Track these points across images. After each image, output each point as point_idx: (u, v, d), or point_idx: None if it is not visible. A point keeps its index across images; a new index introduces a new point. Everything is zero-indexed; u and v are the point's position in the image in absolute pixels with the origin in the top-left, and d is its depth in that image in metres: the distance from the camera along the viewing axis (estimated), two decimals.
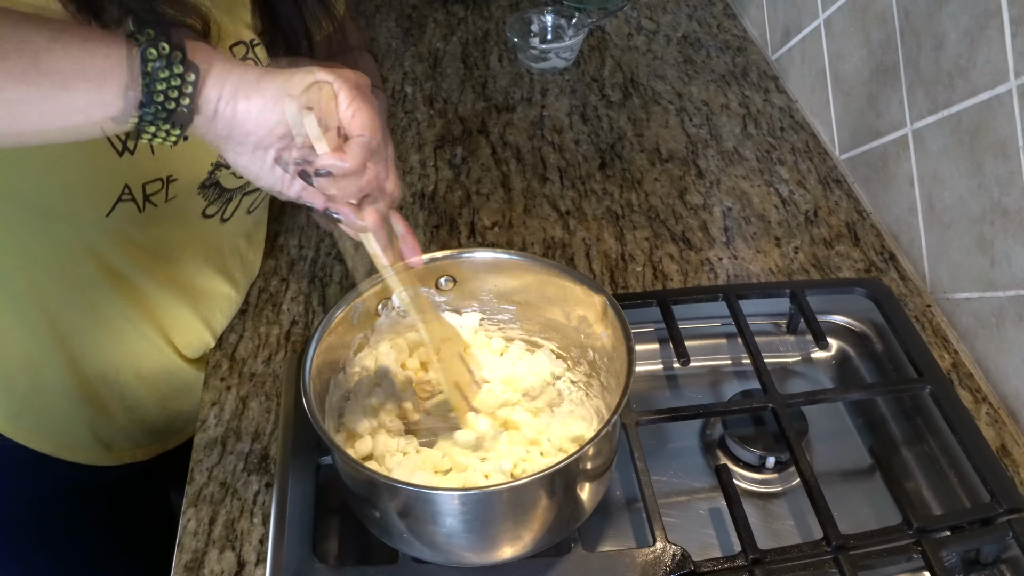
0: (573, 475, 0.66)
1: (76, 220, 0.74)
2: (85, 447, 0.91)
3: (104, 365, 0.86)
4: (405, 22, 1.46)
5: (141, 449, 0.95)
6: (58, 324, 0.81)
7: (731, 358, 0.93)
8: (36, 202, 0.73)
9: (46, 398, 0.86)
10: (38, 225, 0.75)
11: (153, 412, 0.93)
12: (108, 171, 0.71)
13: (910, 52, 0.95)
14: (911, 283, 0.97)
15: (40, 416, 0.87)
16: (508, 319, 0.80)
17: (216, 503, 0.77)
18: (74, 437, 0.90)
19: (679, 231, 1.04)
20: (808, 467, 0.75)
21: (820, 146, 1.17)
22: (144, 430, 0.94)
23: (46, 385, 0.85)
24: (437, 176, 1.13)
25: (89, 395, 0.87)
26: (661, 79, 1.31)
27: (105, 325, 0.83)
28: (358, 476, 0.65)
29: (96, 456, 0.92)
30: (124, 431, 0.92)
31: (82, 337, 0.83)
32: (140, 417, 0.92)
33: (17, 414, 0.86)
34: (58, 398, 0.86)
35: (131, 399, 0.90)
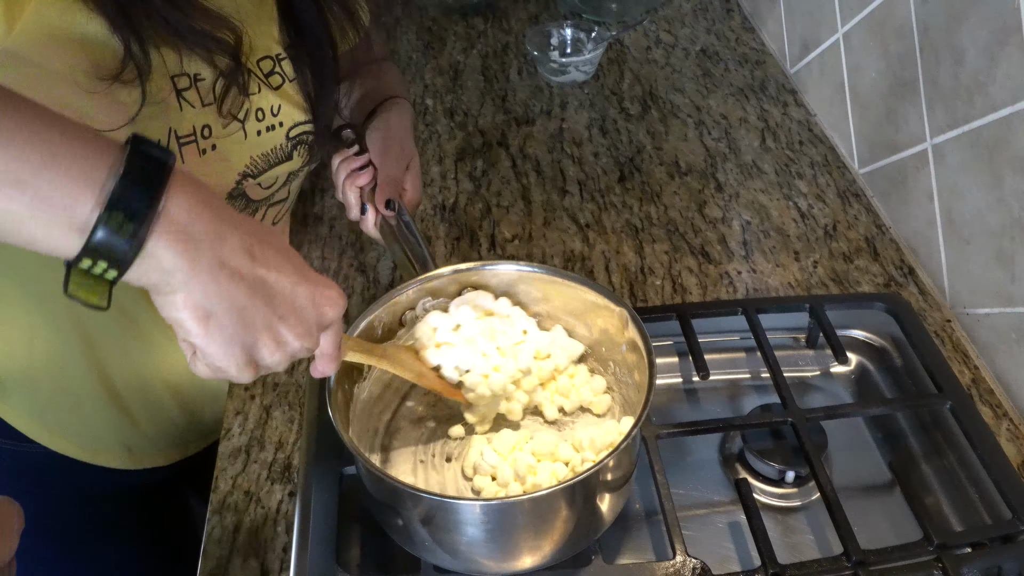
0: (593, 487, 0.66)
1: None
2: (109, 451, 0.92)
3: (131, 370, 0.87)
4: (425, 35, 1.47)
5: (163, 454, 0.97)
6: (86, 327, 0.83)
7: (750, 372, 0.93)
8: None
9: (71, 400, 0.87)
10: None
11: (177, 419, 0.94)
12: None
13: (929, 67, 0.95)
14: (930, 298, 0.97)
15: (64, 418, 0.89)
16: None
17: (240, 511, 0.78)
18: (98, 440, 0.91)
19: (698, 244, 1.05)
20: (828, 481, 0.75)
21: (839, 160, 1.17)
22: (167, 436, 0.95)
23: (71, 388, 0.86)
24: (457, 188, 1.14)
25: (114, 399, 0.88)
26: (680, 92, 1.31)
27: (133, 330, 0.85)
28: (382, 485, 0.66)
29: (119, 460, 0.93)
30: (148, 436, 0.93)
31: (110, 341, 0.84)
32: (164, 423, 0.93)
33: (41, 415, 0.88)
34: (83, 401, 0.88)
35: (156, 405, 0.91)
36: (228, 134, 0.74)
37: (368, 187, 0.83)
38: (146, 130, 0.68)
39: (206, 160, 0.74)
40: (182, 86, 0.71)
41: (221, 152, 0.74)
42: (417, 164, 0.84)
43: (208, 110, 0.72)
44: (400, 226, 0.80)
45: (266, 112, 0.77)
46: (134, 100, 0.67)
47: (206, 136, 0.73)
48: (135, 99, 0.67)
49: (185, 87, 0.71)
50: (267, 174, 0.80)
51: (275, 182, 0.83)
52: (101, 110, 0.66)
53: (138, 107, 0.67)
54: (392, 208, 0.80)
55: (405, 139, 0.84)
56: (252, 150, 0.77)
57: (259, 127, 0.77)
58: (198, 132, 0.72)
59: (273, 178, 0.82)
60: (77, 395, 0.87)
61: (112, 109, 0.66)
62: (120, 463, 0.93)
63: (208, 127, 0.73)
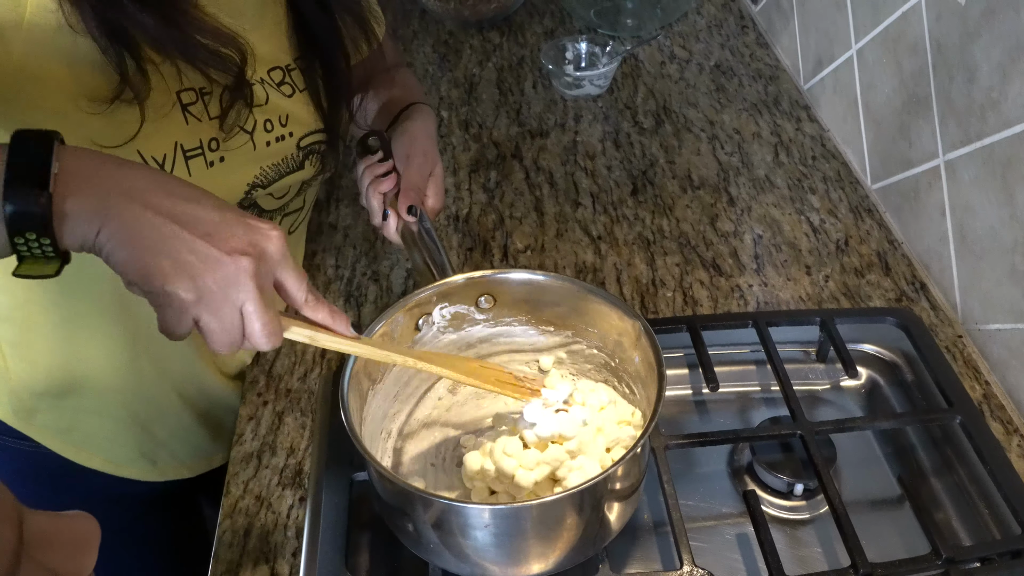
0: (601, 495, 0.67)
1: None
2: (133, 464, 0.93)
3: (144, 387, 0.88)
4: (442, 48, 1.49)
5: (187, 466, 0.97)
6: (103, 346, 0.84)
7: (760, 384, 0.93)
8: None
9: (93, 418, 0.89)
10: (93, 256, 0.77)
11: (197, 431, 0.95)
12: None
13: (942, 84, 0.96)
14: (942, 313, 0.97)
15: (88, 435, 0.90)
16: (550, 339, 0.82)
17: (251, 516, 0.79)
18: (122, 455, 0.92)
19: (710, 257, 1.05)
20: (836, 495, 0.75)
21: (851, 175, 1.17)
22: (189, 448, 0.96)
23: (93, 406, 0.88)
24: (471, 199, 1.15)
25: (133, 416, 0.89)
26: (693, 107, 1.32)
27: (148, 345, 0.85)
28: (392, 488, 0.67)
29: (144, 472, 0.94)
30: (169, 448, 0.94)
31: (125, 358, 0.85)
32: (184, 436, 0.94)
33: (66, 432, 0.89)
34: (104, 418, 0.89)
35: (173, 419, 0.92)
36: (236, 146, 0.75)
37: (391, 193, 0.83)
38: (151, 145, 0.69)
39: (213, 172, 0.74)
40: (187, 101, 0.72)
41: (229, 164, 0.75)
42: (440, 171, 0.84)
43: (215, 123, 0.73)
44: (421, 232, 0.81)
45: (275, 123, 0.78)
46: (135, 119, 0.68)
47: (213, 149, 0.73)
48: (137, 118, 0.68)
49: (191, 102, 0.72)
50: (278, 184, 0.81)
51: (287, 191, 0.83)
52: (104, 127, 0.67)
53: (139, 125, 0.68)
54: (414, 214, 0.81)
55: (428, 146, 0.85)
56: (261, 161, 0.78)
57: (268, 138, 0.78)
58: (205, 145, 0.73)
59: (285, 188, 0.82)
60: (99, 412, 0.88)
61: (115, 126, 0.67)
62: (145, 475, 0.94)
63: (215, 140, 0.74)
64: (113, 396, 0.87)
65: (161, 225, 0.53)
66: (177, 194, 0.54)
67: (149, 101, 0.68)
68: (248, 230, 0.56)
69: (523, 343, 0.83)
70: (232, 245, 0.54)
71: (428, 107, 0.91)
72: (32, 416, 0.87)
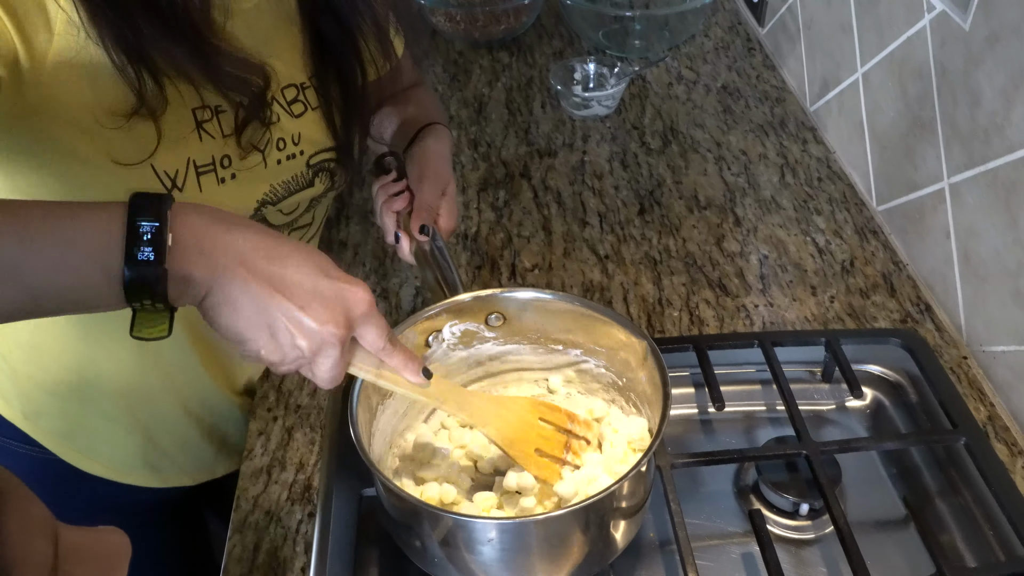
0: (606, 511, 0.68)
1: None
2: (135, 471, 0.94)
3: (148, 395, 0.89)
4: (452, 68, 1.50)
5: (189, 475, 0.98)
6: (112, 353, 0.85)
7: (765, 404, 0.94)
8: None
9: (98, 424, 0.89)
10: None
11: (199, 440, 0.96)
12: None
13: (947, 107, 0.97)
14: (947, 334, 0.98)
15: (92, 441, 0.90)
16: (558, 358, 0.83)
17: (260, 530, 0.80)
18: (124, 462, 0.93)
19: (716, 277, 1.06)
20: (842, 515, 0.75)
21: (857, 196, 1.18)
22: (191, 457, 0.97)
23: (97, 412, 0.88)
24: (480, 218, 1.16)
25: (137, 423, 0.90)
26: (700, 128, 1.33)
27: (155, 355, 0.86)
28: (399, 502, 0.68)
29: (145, 479, 0.95)
30: (170, 456, 0.95)
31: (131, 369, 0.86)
32: (186, 444, 0.95)
33: (70, 437, 0.90)
34: (109, 424, 0.90)
35: (176, 427, 0.93)
36: (248, 164, 0.76)
37: (405, 212, 0.85)
38: (164, 161, 0.70)
39: (224, 188, 0.75)
40: (203, 118, 0.73)
41: (240, 180, 0.76)
42: (453, 191, 0.85)
43: (228, 141, 0.74)
44: (433, 251, 0.82)
45: (287, 141, 0.79)
46: (153, 135, 0.69)
47: (225, 165, 0.74)
48: (154, 134, 0.69)
49: (206, 119, 0.73)
50: (287, 200, 0.82)
51: (296, 208, 0.84)
52: (123, 142, 0.68)
53: (156, 142, 0.69)
54: (426, 233, 0.82)
55: (442, 166, 0.86)
56: (272, 178, 0.79)
57: (279, 156, 0.79)
58: (217, 162, 0.74)
59: (294, 204, 0.83)
60: (104, 418, 0.89)
61: (132, 141, 0.68)
62: (147, 482, 0.95)
63: (228, 157, 0.75)
64: (119, 402, 0.88)
65: (261, 293, 0.57)
66: (276, 257, 0.58)
67: (165, 117, 0.69)
68: (339, 297, 0.60)
69: (532, 361, 0.84)
70: (325, 316, 0.58)
71: (445, 127, 0.91)
72: (39, 418, 0.88)
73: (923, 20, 1.00)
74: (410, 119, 0.93)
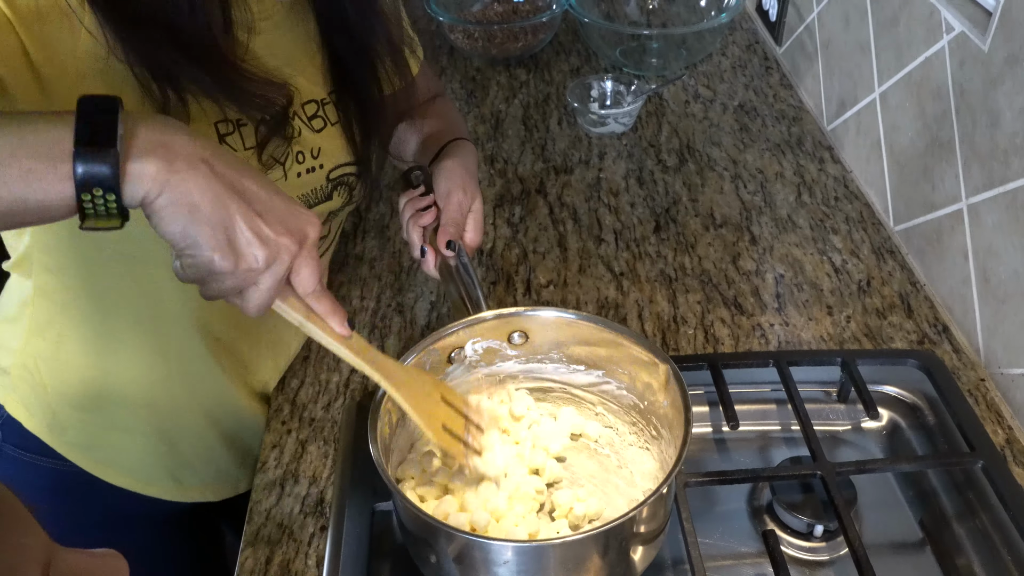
0: (626, 536, 0.67)
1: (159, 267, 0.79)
2: (159, 483, 0.94)
3: (174, 405, 0.90)
4: (469, 84, 1.51)
5: (211, 489, 0.98)
6: (137, 363, 0.86)
7: (780, 424, 0.93)
8: (126, 253, 0.78)
9: (122, 436, 0.90)
10: (126, 273, 0.80)
11: (222, 453, 0.96)
12: None
13: (965, 128, 0.97)
14: (965, 356, 0.97)
15: (116, 453, 0.91)
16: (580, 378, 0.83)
17: (273, 543, 0.80)
18: (149, 474, 0.93)
19: (731, 296, 1.06)
20: (857, 537, 0.75)
21: (874, 216, 1.18)
22: (214, 470, 0.97)
23: (122, 424, 0.89)
24: (496, 234, 1.17)
25: (162, 434, 0.91)
26: (717, 146, 1.33)
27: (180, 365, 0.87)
28: (417, 521, 0.68)
29: (169, 492, 0.95)
30: (192, 467, 0.95)
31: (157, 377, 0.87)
32: (207, 454, 0.96)
33: (95, 449, 0.90)
34: (134, 436, 0.90)
35: (200, 439, 0.93)
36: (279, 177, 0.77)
37: (431, 227, 0.85)
38: None
39: None
40: (225, 131, 0.74)
41: None
42: (479, 207, 0.85)
43: (249, 154, 0.75)
44: (458, 267, 0.82)
45: (307, 155, 0.80)
46: None
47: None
48: None
49: (228, 132, 0.74)
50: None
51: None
52: None
53: None
54: (452, 249, 0.82)
55: (469, 182, 0.86)
56: (292, 191, 0.79)
57: (299, 169, 0.80)
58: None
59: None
60: (128, 429, 0.90)
61: None
62: (170, 494, 0.96)
63: None
64: (143, 412, 0.89)
65: (223, 194, 0.56)
66: (236, 164, 0.57)
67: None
68: (295, 214, 0.59)
69: (553, 380, 0.84)
70: (282, 229, 0.58)
71: (470, 143, 0.92)
72: (64, 432, 0.89)
73: (942, 41, 1.00)
74: (434, 134, 0.93)
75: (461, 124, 0.98)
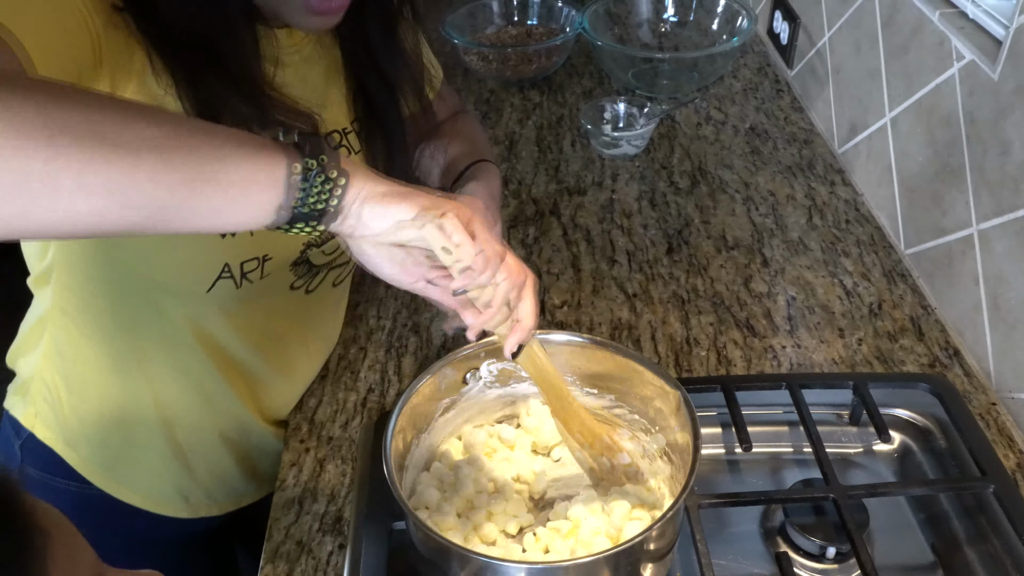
0: (637, 556, 0.68)
1: (180, 293, 0.81)
2: (168, 501, 0.96)
3: (192, 425, 0.91)
4: (483, 106, 1.53)
5: (218, 505, 1.00)
6: (153, 384, 0.87)
7: (792, 446, 0.94)
8: (147, 277, 0.79)
9: (137, 453, 0.92)
10: (146, 296, 0.81)
11: (233, 471, 0.97)
12: (212, 251, 0.77)
13: (975, 155, 0.98)
14: (976, 380, 0.98)
15: (129, 470, 0.93)
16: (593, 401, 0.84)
17: (292, 560, 0.81)
18: (159, 491, 0.95)
19: (743, 318, 1.07)
20: (869, 560, 0.75)
21: (885, 240, 1.19)
22: (223, 487, 0.99)
23: (138, 441, 0.91)
24: None
25: (177, 453, 0.92)
26: (728, 168, 1.35)
27: (196, 386, 0.89)
28: (430, 542, 0.69)
29: (176, 509, 0.97)
30: (204, 487, 0.97)
31: (174, 396, 0.89)
32: (220, 475, 0.97)
33: (109, 467, 0.92)
34: (148, 454, 0.92)
35: (214, 458, 0.95)
36: None
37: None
38: None
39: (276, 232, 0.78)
40: None
41: None
42: (499, 231, 0.87)
43: None
44: None
45: None
46: None
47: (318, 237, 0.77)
48: None
49: None
50: (331, 242, 0.84)
51: (336, 249, 0.87)
52: None
53: None
54: None
55: (490, 204, 0.87)
56: None
57: None
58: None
59: (335, 245, 0.86)
60: (143, 448, 0.91)
61: None
62: (177, 512, 0.97)
63: None
64: (158, 430, 0.90)
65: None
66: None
67: None
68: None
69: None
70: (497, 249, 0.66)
71: (493, 165, 0.92)
72: (79, 446, 0.90)
73: (952, 69, 1.02)
74: (458, 156, 0.94)
75: (483, 143, 0.98)
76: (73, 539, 0.40)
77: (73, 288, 0.83)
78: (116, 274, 0.80)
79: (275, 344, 0.91)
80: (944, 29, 1.02)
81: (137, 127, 0.51)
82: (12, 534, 0.38)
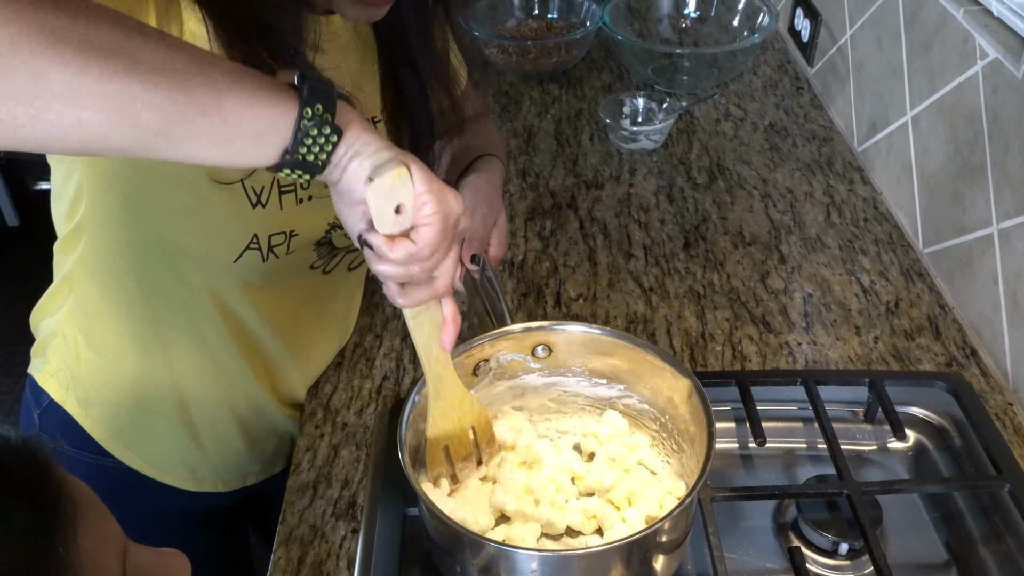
0: (649, 546, 0.68)
1: (205, 261, 0.82)
2: (173, 469, 0.96)
3: (204, 397, 0.92)
4: (503, 99, 1.53)
5: (223, 481, 1.01)
6: (170, 351, 0.88)
7: (807, 442, 0.94)
8: (175, 241, 0.80)
9: (146, 419, 0.92)
10: (170, 261, 0.82)
11: (240, 448, 0.98)
12: (242, 220, 0.78)
13: (998, 154, 0.97)
14: (993, 380, 0.97)
15: (138, 435, 0.94)
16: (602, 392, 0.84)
17: (305, 544, 0.82)
18: (166, 459, 0.95)
19: (759, 314, 1.07)
20: (882, 556, 0.75)
21: (903, 238, 1.18)
22: (229, 464, 0.99)
23: (149, 408, 0.92)
24: (526, 247, 1.18)
25: (186, 423, 0.93)
26: (747, 164, 1.34)
27: (212, 358, 0.90)
28: (443, 529, 0.69)
29: (182, 480, 0.97)
30: (211, 461, 0.98)
31: (190, 368, 0.90)
32: (227, 450, 0.98)
33: (118, 430, 0.93)
34: (157, 421, 0.93)
35: (222, 432, 0.96)
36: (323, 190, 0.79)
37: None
38: (255, 179, 0.75)
39: (301, 208, 0.79)
40: None
41: (315, 204, 0.80)
42: (504, 222, 0.88)
43: None
44: (483, 281, 0.84)
45: None
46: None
47: (304, 187, 0.78)
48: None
49: None
50: None
51: None
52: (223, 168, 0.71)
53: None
54: (477, 263, 0.84)
55: (493, 197, 0.88)
56: None
57: None
58: (297, 184, 0.77)
59: None
60: (153, 415, 0.92)
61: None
62: (183, 483, 0.98)
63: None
64: (170, 398, 0.91)
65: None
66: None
67: None
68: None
69: (576, 394, 0.85)
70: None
71: (498, 159, 0.94)
72: (90, 406, 0.91)
73: (975, 67, 1.01)
74: (466, 149, 0.96)
75: (496, 142, 1.00)
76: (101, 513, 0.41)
77: (98, 248, 0.84)
78: (143, 236, 0.81)
79: (291, 323, 0.92)
80: (968, 26, 1.01)
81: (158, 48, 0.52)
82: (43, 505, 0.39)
